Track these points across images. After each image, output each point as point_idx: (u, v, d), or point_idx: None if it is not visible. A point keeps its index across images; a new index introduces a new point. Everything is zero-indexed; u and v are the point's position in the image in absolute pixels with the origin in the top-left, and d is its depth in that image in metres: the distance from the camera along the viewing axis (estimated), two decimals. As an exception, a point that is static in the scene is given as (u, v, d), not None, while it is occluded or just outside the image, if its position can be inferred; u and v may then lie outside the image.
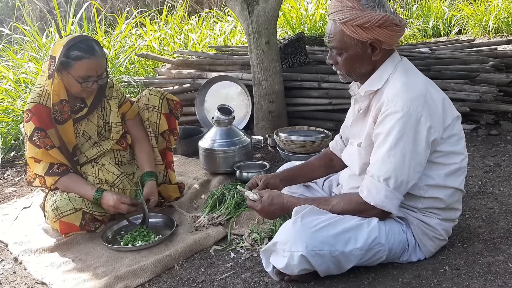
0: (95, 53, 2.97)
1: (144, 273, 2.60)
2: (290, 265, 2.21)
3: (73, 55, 2.91)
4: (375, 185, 2.25)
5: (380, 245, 2.29)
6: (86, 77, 2.95)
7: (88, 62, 2.93)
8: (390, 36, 2.24)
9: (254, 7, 4.48)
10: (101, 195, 3.02)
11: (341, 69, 2.39)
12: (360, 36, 2.24)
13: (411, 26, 10.21)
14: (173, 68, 5.90)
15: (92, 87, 3.00)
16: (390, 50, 2.36)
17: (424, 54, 5.30)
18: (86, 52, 2.93)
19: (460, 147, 2.37)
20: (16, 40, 7.34)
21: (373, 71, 2.36)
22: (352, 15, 2.21)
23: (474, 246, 2.59)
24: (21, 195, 3.99)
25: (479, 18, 10.08)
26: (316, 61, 5.30)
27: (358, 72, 2.37)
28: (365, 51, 2.29)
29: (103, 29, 7.44)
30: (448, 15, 10.75)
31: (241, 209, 3.20)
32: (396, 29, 2.24)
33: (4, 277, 2.75)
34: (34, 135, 2.97)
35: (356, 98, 2.51)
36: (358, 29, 2.22)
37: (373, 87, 2.34)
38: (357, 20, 2.20)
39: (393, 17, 2.22)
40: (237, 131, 4.01)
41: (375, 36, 2.23)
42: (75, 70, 2.93)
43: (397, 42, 2.37)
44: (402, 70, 2.32)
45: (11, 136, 5.05)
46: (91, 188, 3.04)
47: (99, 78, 3.01)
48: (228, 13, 9.73)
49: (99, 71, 3.00)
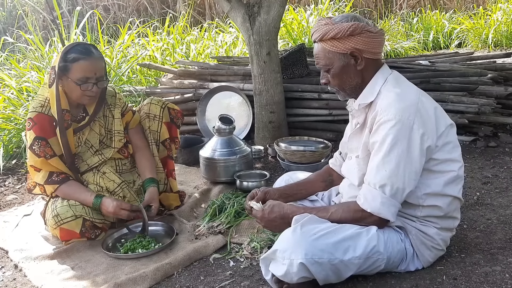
0: (92, 54, 2.99)
1: (143, 280, 2.61)
2: (289, 273, 2.21)
3: (70, 57, 2.94)
4: (371, 192, 2.28)
5: (378, 253, 2.30)
6: (84, 78, 2.96)
7: (85, 63, 2.95)
8: (367, 43, 2.33)
9: (256, 18, 4.52)
10: (100, 201, 3.04)
11: (334, 86, 2.47)
12: (339, 48, 2.34)
13: (411, 39, 10.28)
14: (175, 78, 5.94)
15: (92, 90, 3.01)
16: (378, 63, 2.44)
17: (423, 67, 5.33)
18: (82, 53, 2.96)
19: (456, 154, 2.40)
20: (19, 49, 7.38)
21: (363, 84, 2.42)
22: (325, 30, 2.34)
23: (471, 256, 2.60)
24: (22, 202, 4.01)
25: (479, 32, 10.15)
26: (316, 72, 5.32)
27: (349, 85, 2.43)
28: (349, 63, 2.37)
29: (106, 38, 7.48)
30: (448, 28, 10.81)
31: (240, 218, 3.22)
32: (371, 36, 2.33)
33: (4, 284, 2.77)
34: (34, 144, 3.00)
35: (353, 113, 2.56)
36: (334, 41, 2.34)
37: (366, 100, 2.40)
38: (329, 33, 2.33)
39: (364, 24, 2.31)
40: (238, 140, 4.03)
41: (352, 46, 2.32)
42: (73, 72, 2.95)
43: (381, 51, 2.44)
44: (394, 82, 2.39)
45: (13, 144, 5.07)
46: (90, 194, 3.06)
47: (98, 81, 3.02)
48: (230, 24, 9.79)
49: (97, 73, 3.01)
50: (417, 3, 12.79)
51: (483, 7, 10.89)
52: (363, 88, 2.42)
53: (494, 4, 11.02)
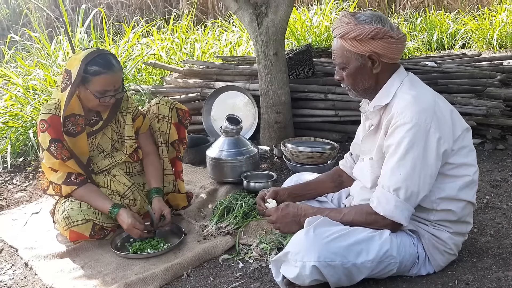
0: (113, 68, 2.98)
1: (154, 281, 2.62)
2: (302, 276, 2.20)
3: (91, 70, 2.92)
4: (385, 196, 2.27)
5: (391, 257, 2.30)
6: (104, 91, 2.97)
7: (106, 77, 2.94)
8: (387, 48, 2.30)
9: (263, 19, 4.52)
10: (117, 212, 3.02)
11: (347, 84, 2.45)
12: (358, 50, 2.31)
13: (415, 39, 10.26)
14: (180, 77, 5.93)
15: (110, 101, 3.03)
16: (395, 65, 2.41)
17: (430, 68, 5.30)
18: (104, 67, 2.94)
19: (472, 159, 2.39)
20: (24, 47, 7.37)
21: (378, 86, 2.40)
22: (347, 29, 2.30)
23: (483, 261, 2.59)
24: (30, 200, 4.01)
25: (484, 33, 10.13)
26: (322, 73, 5.33)
27: (362, 86, 2.41)
28: (366, 65, 2.34)
29: (111, 37, 7.47)
30: (452, 29, 10.79)
31: (249, 219, 3.23)
32: (392, 42, 2.30)
33: (15, 282, 2.78)
34: (51, 147, 3.00)
35: (366, 115, 2.54)
36: (355, 42, 2.30)
37: (381, 102, 2.38)
38: (351, 33, 2.29)
39: (387, 30, 2.28)
40: (245, 141, 4.03)
41: (372, 49, 2.29)
42: (93, 85, 2.94)
43: (399, 56, 2.42)
44: (409, 84, 2.36)
45: (20, 142, 5.07)
46: (108, 203, 3.05)
47: (116, 93, 3.03)
48: (233, 23, 9.77)
49: (116, 85, 3.02)
50: (421, 3, 12.80)
51: (488, 7, 10.87)
52: (376, 90, 2.41)
53: (499, 4, 11.01)
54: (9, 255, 3.11)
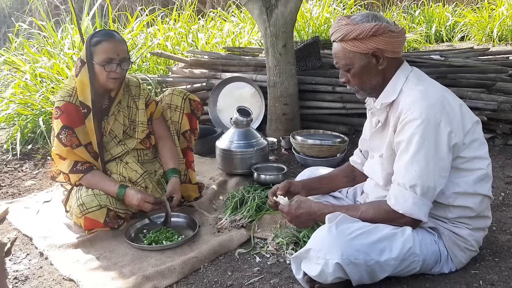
0: (114, 37, 3.06)
1: (171, 274, 2.61)
2: (324, 273, 2.19)
3: (93, 42, 3.01)
4: (402, 193, 2.26)
5: (415, 255, 2.29)
6: (108, 59, 3.00)
7: (107, 44, 3.01)
8: (389, 43, 2.30)
9: (273, 11, 4.51)
10: (124, 191, 3.05)
11: (354, 85, 2.45)
12: (360, 49, 2.31)
13: (414, 32, 10.24)
14: (186, 67, 5.91)
15: (116, 71, 3.03)
16: (399, 61, 2.42)
17: (437, 61, 5.29)
18: (104, 36, 3.04)
19: (483, 152, 2.39)
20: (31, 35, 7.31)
21: (385, 83, 2.40)
22: (346, 31, 2.30)
23: (506, 260, 2.57)
24: (41, 188, 4.01)
25: (483, 25, 10.12)
26: (329, 65, 5.33)
27: (369, 84, 2.41)
28: (370, 62, 2.34)
29: (116, 26, 7.43)
30: (451, 21, 10.78)
31: (262, 212, 3.22)
32: (393, 36, 2.30)
33: (31, 272, 2.77)
34: (61, 133, 3.02)
35: (373, 111, 2.54)
36: (356, 42, 2.30)
37: (388, 99, 2.38)
38: (351, 33, 2.29)
39: (386, 25, 2.28)
40: (255, 133, 4.02)
41: (374, 46, 2.29)
42: (97, 55, 3.00)
43: (401, 49, 2.41)
44: (415, 79, 2.37)
45: (28, 129, 5.06)
46: (114, 185, 3.08)
47: (121, 62, 3.05)
48: (232, 13, 9.72)
49: (120, 54, 3.04)
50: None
51: (487, 0, 10.85)
52: (384, 87, 2.41)
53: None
54: (23, 243, 3.10)
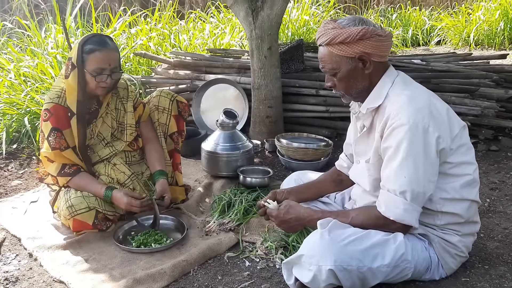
0: (107, 46, 3.01)
1: (162, 277, 2.61)
2: (317, 280, 2.18)
3: (86, 49, 2.97)
4: (393, 199, 2.25)
5: (407, 262, 2.29)
6: (99, 70, 2.98)
7: (100, 54, 2.97)
8: (376, 47, 2.30)
9: (259, 13, 4.53)
10: (111, 194, 3.05)
11: (340, 90, 2.44)
12: (347, 53, 2.30)
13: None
14: (170, 68, 5.90)
15: (106, 81, 3.02)
16: (385, 65, 2.41)
17: (420, 66, 5.31)
18: (98, 44, 2.98)
19: (470, 157, 2.40)
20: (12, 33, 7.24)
21: (371, 88, 2.40)
22: (333, 35, 2.30)
23: (495, 268, 2.59)
24: (27, 188, 3.98)
25: (460, 30, 10.25)
26: (312, 68, 5.37)
27: (355, 89, 2.41)
28: (357, 66, 2.34)
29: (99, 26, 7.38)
30: (428, 25, 10.89)
31: (249, 216, 3.23)
32: (381, 39, 2.30)
33: (22, 273, 2.76)
34: (51, 135, 3.01)
35: (357, 116, 2.54)
36: (342, 46, 2.30)
37: (374, 103, 2.38)
38: (338, 37, 2.29)
39: (373, 29, 2.28)
40: (241, 135, 4.03)
41: (361, 50, 2.29)
42: (89, 64, 2.97)
43: (388, 53, 2.41)
44: (402, 84, 2.37)
45: (13, 128, 5.02)
46: (101, 187, 3.08)
47: (112, 72, 3.03)
48: (212, 15, 9.71)
49: (112, 64, 3.02)
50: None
51: (464, 5, 10.99)
52: (370, 92, 2.40)
53: (476, 1, 11.13)
54: (12, 244, 3.08)
